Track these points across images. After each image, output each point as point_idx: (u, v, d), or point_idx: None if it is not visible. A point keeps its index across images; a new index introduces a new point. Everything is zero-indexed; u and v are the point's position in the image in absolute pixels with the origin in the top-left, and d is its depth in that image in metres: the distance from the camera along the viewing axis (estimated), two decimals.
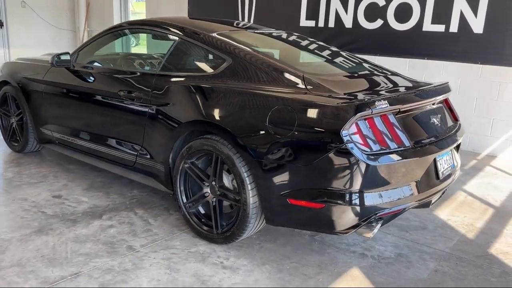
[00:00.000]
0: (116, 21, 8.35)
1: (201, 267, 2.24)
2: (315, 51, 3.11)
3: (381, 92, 2.36)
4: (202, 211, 2.59)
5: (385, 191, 2.10)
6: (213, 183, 2.44)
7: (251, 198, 2.25)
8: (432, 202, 2.39)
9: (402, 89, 2.47)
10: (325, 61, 3.00)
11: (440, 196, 2.50)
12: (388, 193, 2.11)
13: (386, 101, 2.08)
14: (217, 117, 2.35)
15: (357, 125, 2.01)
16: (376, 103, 2.04)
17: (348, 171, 2.01)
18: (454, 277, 2.26)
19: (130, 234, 2.55)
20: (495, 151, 4.57)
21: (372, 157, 2.00)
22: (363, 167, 1.99)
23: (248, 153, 2.22)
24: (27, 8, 8.30)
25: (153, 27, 3.05)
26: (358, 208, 2.06)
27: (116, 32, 3.24)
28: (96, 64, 3.36)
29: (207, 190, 2.50)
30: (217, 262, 2.29)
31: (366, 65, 2.94)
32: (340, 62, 2.96)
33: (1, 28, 8.14)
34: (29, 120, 3.70)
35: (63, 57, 3.21)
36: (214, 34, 2.74)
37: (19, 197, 3.01)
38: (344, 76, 2.70)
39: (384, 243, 2.59)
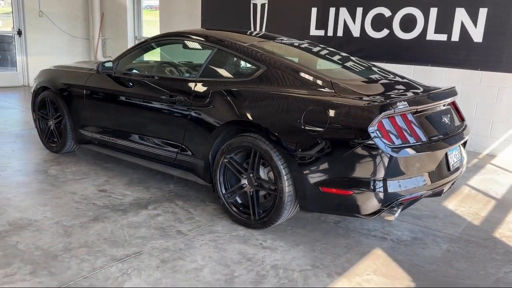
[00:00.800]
0: (130, 30, 8.71)
1: (244, 247, 2.57)
2: (332, 58, 3.45)
3: (399, 95, 2.71)
4: (239, 201, 2.92)
5: (405, 179, 2.44)
6: (251, 175, 2.78)
7: (287, 187, 2.58)
8: (444, 191, 2.73)
9: (416, 92, 2.82)
10: (342, 67, 3.35)
11: (450, 186, 2.84)
12: (407, 181, 2.45)
13: (406, 102, 2.43)
14: (256, 117, 2.69)
15: (381, 122, 2.35)
16: (398, 103, 2.39)
17: (373, 162, 2.35)
18: (464, 256, 2.59)
19: (176, 221, 2.88)
20: (495, 150, 4.93)
21: (395, 150, 2.35)
22: (386, 158, 2.33)
23: (284, 148, 2.55)
24: (44, 17, 8.65)
25: (190, 38, 3.40)
26: (382, 195, 2.39)
27: (155, 43, 3.58)
28: (134, 71, 3.70)
29: (244, 181, 2.83)
30: (257, 244, 2.62)
31: (377, 70, 3.30)
32: (355, 68, 3.31)
33: (20, 36, 8.48)
34: (68, 123, 4.03)
35: (107, 65, 3.55)
36: (247, 45, 3.09)
37: (68, 191, 3.33)
38: (362, 81, 3.04)
39: (400, 229, 2.92)
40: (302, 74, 2.75)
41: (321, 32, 5.96)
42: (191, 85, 3.10)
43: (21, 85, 8.67)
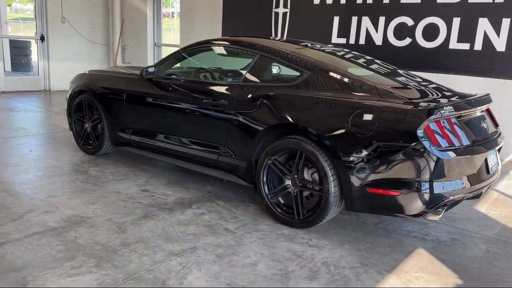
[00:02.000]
0: (150, 36, 8.89)
1: (292, 245, 2.67)
2: (366, 64, 3.57)
3: (438, 100, 2.82)
4: (282, 201, 3.02)
5: (449, 181, 2.55)
6: (295, 176, 2.89)
7: (333, 188, 2.69)
8: (483, 193, 2.83)
9: (453, 98, 2.93)
10: (376, 72, 3.45)
11: (487, 189, 2.94)
12: (452, 183, 2.55)
13: (451, 107, 2.54)
14: (303, 121, 2.80)
15: (428, 126, 2.46)
16: (444, 108, 2.50)
17: (421, 164, 2.46)
18: (505, 256, 2.68)
19: (222, 220, 2.98)
20: None
21: (441, 152, 2.45)
22: (434, 160, 2.44)
23: (331, 150, 2.67)
24: (66, 24, 8.84)
25: (232, 44, 3.54)
26: (428, 196, 2.50)
27: (196, 49, 3.71)
28: (173, 76, 3.83)
29: (288, 182, 2.94)
30: (303, 242, 2.72)
31: (408, 75, 3.42)
32: (388, 73, 3.42)
33: (42, 42, 8.67)
34: (106, 125, 4.15)
35: (150, 70, 3.69)
36: (290, 51, 3.22)
37: (112, 190, 3.44)
38: (400, 85, 3.15)
39: (438, 231, 3.02)
40: (346, 80, 2.87)
41: (343, 40, 6.10)
42: (235, 89, 3.23)
43: (42, 89, 8.83)
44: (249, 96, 3.11)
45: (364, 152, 2.56)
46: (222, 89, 3.32)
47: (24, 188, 3.38)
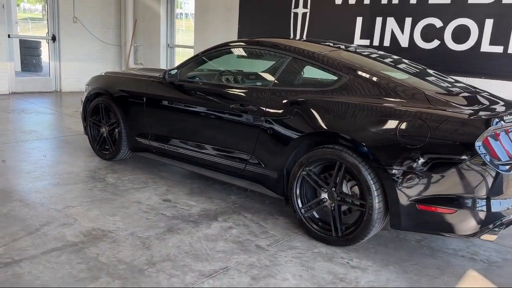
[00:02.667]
0: (163, 37, 8.70)
1: (332, 266, 2.44)
2: (405, 68, 3.33)
3: (495, 108, 2.59)
4: (317, 215, 2.80)
5: (508, 198, 2.31)
6: (333, 189, 2.66)
7: (377, 203, 2.46)
8: None
9: (503, 105, 2.70)
10: (418, 77, 3.21)
11: None
12: (509, 200, 2.32)
13: (511, 116, 2.31)
14: (344, 129, 2.58)
15: (487, 137, 2.23)
16: (505, 117, 2.27)
17: (478, 179, 2.22)
18: None
19: (251, 235, 2.77)
20: None
21: (501, 166, 2.22)
22: (493, 175, 2.21)
23: (376, 162, 2.44)
24: (78, 24, 8.68)
25: (261, 46, 3.32)
26: (484, 214, 2.26)
27: (221, 50, 3.50)
28: (196, 79, 3.63)
29: (324, 196, 2.72)
30: (344, 262, 2.49)
31: (450, 80, 3.18)
32: (427, 77, 3.18)
33: (54, 42, 8.52)
34: (124, 130, 3.96)
35: (172, 72, 3.48)
36: (325, 53, 3.00)
37: (132, 200, 3.24)
38: (446, 91, 2.91)
39: (486, 249, 2.78)
40: (391, 85, 2.64)
41: (366, 42, 5.86)
42: (265, 94, 3.01)
43: (53, 90, 8.68)
44: (282, 101, 2.89)
45: (414, 165, 2.33)
46: (250, 94, 3.10)
47: (39, 197, 3.19)
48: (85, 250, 2.44)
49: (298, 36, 6.66)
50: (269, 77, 3.56)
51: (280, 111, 2.88)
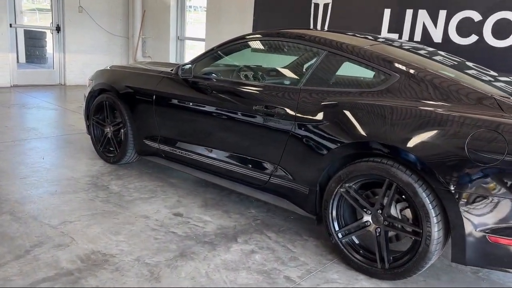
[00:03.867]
0: (172, 29, 8.26)
1: None
2: (460, 67, 2.87)
3: None
4: (357, 241, 2.37)
5: None
6: (379, 211, 2.23)
7: (436, 232, 2.02)
8: None
9: None
10: (476, 78, 2.76)
11: None
12: None
13: None
14: (395, 139, 2.13)
15: None
16: None
17: None
18: None
19: (278, 262, 2.34)
20: None
21: None
22: None
23: (436, 181, 1.99)
24: (84, 14, 8.26)
25: (290, 39, 2.86)
26: None
27: (244, 43, 3.05)
28: (213, 75, 3.20)
29: (368, 218, 2.29)
30: None
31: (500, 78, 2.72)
32: (487, 79, 2.73)
33: (58, 33, 8.11)
34: (130, 131, 3.54)
35: (186, 67, 3.05)
36: (367, 48, 2.55)
37: (139, 214, 2.83)
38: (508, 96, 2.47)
39: None
40: (453, 87, 2.18)
41: (394, 36, 5.38)
42: (294, 95, 2.57)
43: (57, 83, 8.29)
44: (316, 103, 2.45)
45: (488, 187, 1.89)
46: (276, 94, 2.66)
47: (33, 209, 2.79)
48: (82, 281, 2.03)
49: (318, 28, 6.19)
50: (298, 74, 3.11)
51: (315, 115, 2.43)
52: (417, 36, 5.16)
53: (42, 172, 3.47)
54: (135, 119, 3.48)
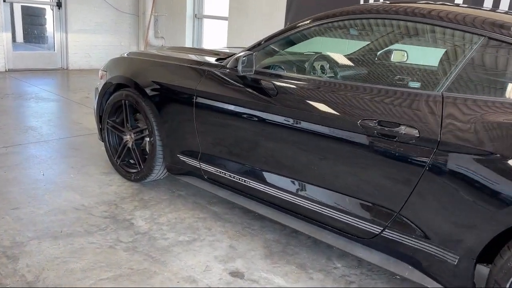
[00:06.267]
0: (189, 6, 7.22)
1: None
2: None
3: None
4: None
5: None
6: None
7: None
8: None
9: None
10: None
11: None
12: None
13: None
14: None
15: None
16: None
17: None
18: None
19: None
20: None
21: None
22: None
23: None
24: None
25: (414, 17, 1.86)
26: None
27: (330, 24, 2.10)
28: (281, 70, 2.28)
29: None
30: None
31: None
32: None
33: (59, 9, 7.10)
34: (158, 141, 2.64)
35: (247, 58, 2.10)
36: None
37: (182, 275, 1.95)
38: None
39: None
40: None
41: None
42: (434, 105, 1.66)
43: (59, 67, 7.32)
44: (484, 121, 1.55)
45: None
46: (399, 103, 1.75)
47: (27, 267, 1.91)
48: None
49: None
50: (431, 73, 2.18)
51: (482, 141, 1.53)
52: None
53: (40, 197, 2.58)
54: (166, 126, 2.57)
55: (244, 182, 2.25)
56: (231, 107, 2.24)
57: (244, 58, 2.09)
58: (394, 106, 1.74)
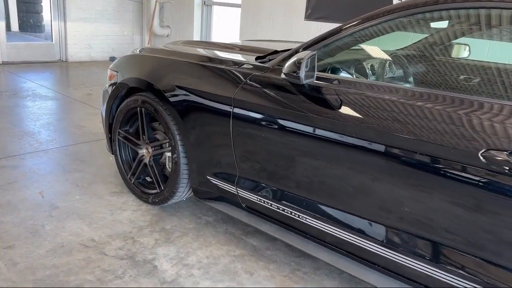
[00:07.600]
0: None
1: None
2: None
3: None
4: None
5: None
6: None
7: None
8: None
9: None
10: None
11: None
12: None
13: None
14: None
15: None
16: None
17: None
18: None
19: None
20: None
21: None
22: None
23: None
24: None
25: None
26: None
27: (410, 15, 1.61)
28: (342, 73, 1.79)
29: None
30: None
31: None
32: None
33: None
34: (183, 158, 2.16)
35: (305, 58, 1.59)
36: None
37: None
38: None
39: None
40: None
41: None
42: None
43: (58, 59, 6.79)
44: None
45: None
46: None
47: None
48: None
49: None
50: None
51: None
52: None
53: (41, 231, 2.09)
54: (193, 141, 2.08)
55: (302, 218, 1.77)
56: (285, 123, 1.73)
57: (307, 60, 1.59)
58: None
